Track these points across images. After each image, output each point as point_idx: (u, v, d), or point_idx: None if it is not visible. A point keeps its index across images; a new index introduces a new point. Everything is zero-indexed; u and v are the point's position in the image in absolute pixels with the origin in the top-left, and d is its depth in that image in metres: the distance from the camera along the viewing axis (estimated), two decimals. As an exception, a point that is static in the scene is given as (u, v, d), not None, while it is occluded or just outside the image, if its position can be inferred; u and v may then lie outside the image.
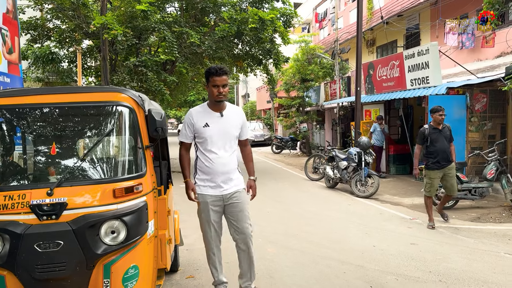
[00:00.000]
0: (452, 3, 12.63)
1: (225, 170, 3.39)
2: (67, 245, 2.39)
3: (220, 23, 13.07)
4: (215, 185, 3.40)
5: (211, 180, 3.39)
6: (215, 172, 3.37)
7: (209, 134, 3.33)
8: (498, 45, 11.30)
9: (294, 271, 4.55)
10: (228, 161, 3.40)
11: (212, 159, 3.35)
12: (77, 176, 2.57)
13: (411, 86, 10.93)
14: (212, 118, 3.35)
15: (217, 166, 3.36)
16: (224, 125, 3.38)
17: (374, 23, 16.81)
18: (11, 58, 4.42)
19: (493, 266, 4.77)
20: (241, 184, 3.55)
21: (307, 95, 19.99)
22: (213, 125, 3.34)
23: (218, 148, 3.36)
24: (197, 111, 3.43)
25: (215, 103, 3.37)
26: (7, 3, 4.35)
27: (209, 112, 3.39)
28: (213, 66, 3.34)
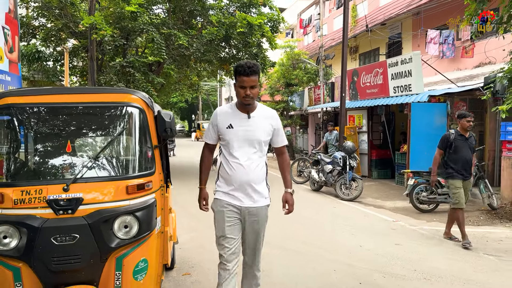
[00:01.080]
0: (433, 14, 13.08)
1: (247, 180, 2.94)
2: (82, 239, 2.49)
3: (208, 26, 13.21)
4: (234, 196, 2.97)
5: (231, 189, 2.97)
6: (235, 180, 2.94)
7: (231, 136, 2.94)
8: (477, 55, 11.78)
9: (289, 270, 4.72)
10: (251, 169, 2.94)
11: (233, 165, 2.94)
12: (91, 173, 2.68)
13: (394, 93, 11.28)
14: (237, 120, 2.96)
15: (238, 174, 2.93)
16: (249, 128, 2.95)
17: (358, 31, 17.21)
18: (12, 57, 4.48)
19: (474, 265, 5.04)
20: (265, 200, 3.07)
21: (291, 99, 20.28)
22: (238, 127, 2.94)
23: (240, 153, 2.94)
24: (222, 110, 3.05)
25: (242, 104, 2.98)
26: (9, 3, 4.41)
27: (235, 113, 2.98)
28: (242, 62, 2.92)
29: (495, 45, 10.63)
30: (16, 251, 2.45)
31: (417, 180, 8.14)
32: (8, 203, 2.48)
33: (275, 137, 3.12)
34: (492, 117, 10.00)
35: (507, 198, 8.29)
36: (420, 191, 8.14)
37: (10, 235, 2.46)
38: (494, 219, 7.66)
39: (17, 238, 2.46)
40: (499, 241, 6.19)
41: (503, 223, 7.36)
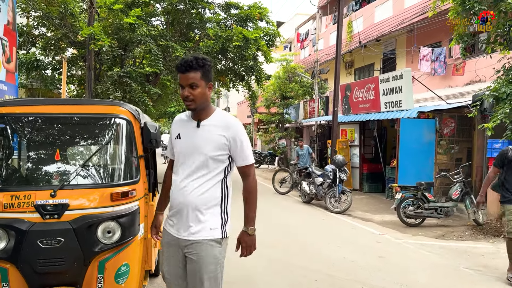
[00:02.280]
0: (426, 32, 13.37)
1: (181, 202, 2.34)
2: (67, 242, 2.63)
3: (205, 39, 13.47)
4: (172, 221, 2.43)
5: (171, 213, 2.44)
6: (172, 203, 2.41)
7: (177, 149, 2.44)
8: (468, 73, 12.04)
9: (270, 278, 4.85)
10: (189, 190, 2.32)
11: (174, 183, 2.41)
12: (78, 180, 2.83)
13: (385, 108, 11.50)
14: (187, 129, 2.42)
15: (174, 195, 2.38)
16: (196, 139, 2.37)
17: (353, 46, 17.51)
18: (9, 67, 4.65)
19: (453, 279, 5.18)
20: (209, 231, 2.35)
21: (287, 112, 20.52)
22: (185, 137, 2.41)
23: (184, 169, 2.37)
24: (179, 118, 2.53)
25: (189, 110, 2.43)
26: (8, 15, 4.60)
27: (188, 121, 2.45)
28: (183, 58, 2.42)
29: (485, 63, 10.88)
30: (4, 253, 2.58)
31: (404, 195, 8.30)
32: (-3, 207, 2.62)
33: (233, 154, 2.40)
34: (480, 134, 10.20)
35: (492, 214, 8.44)
36: (407, 205, 8.30)
37: (-2, 237, 2.60)
38: (478, 234, 7.80)
39: (5, 240, 2.59)
40: (480, 256, 6.33)
41: (487, 239, 7.50)
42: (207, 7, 13.66)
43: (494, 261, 6.08)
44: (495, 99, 8.01)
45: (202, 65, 2.33)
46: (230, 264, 5.63)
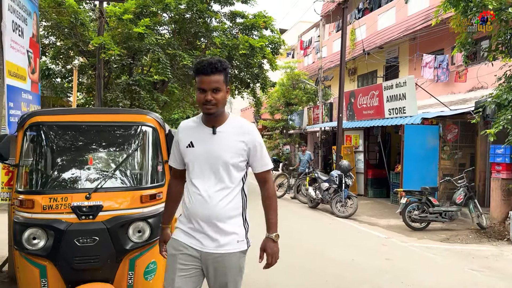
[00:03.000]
0: (429, 40, 13.60)
1: (207, 215, 2.22)
2: (101, 241, 2.85)
3: (212, 47, 13.75)
4: (193, 236, 2.26)
5: (190, 227, 2.28)
6: (194, 215, 2.24)
7: (191, 158, 2.27)
8: (470, 80, 12.26)
9: (286, 280, 5.04)
10: (214, 202, 2.23)
11: (192, 196, 2.25)
12: (110, 183, 3.05)
13: (389, 115, 11.71)
14: (200, 136, 2.27)
15: (197, 207, 2.23)
16: (213, 146, 2.24)
17: (357, 53, 17.76)
18: (33, 78, 4.90)
19: (457, 279, 5.36)
20: (237, 244, 2.32)
21: (291, 118, 20.77)
22: (200, 145, 2.26)
23: (202, 179, 2.25)
24: (186, 124, 2.37)
25: (204, 115, 2.29)
26: (33, 29, 4.87)
27: (199, 127, 2.30)
28: (201, 60, 2.25)
29: (487, 71, 11.08)
30: (43, 251, 2.80)
31: (409, 199, 8.49)
32: (38, 208, 2.85)
33: (252, 159, 2.35)
34: (483, 140, 10.39)
35: (496, 218, 8.61)
36: (412, 209, 8.48)
37: (38, 236, 2.82)
38: (482, 237, 7.97)
39: (44, 239, 2.81)
40: (484, 258, 6.50)
41: (491, 242, 7.67)
42: (213, 16, 13.97)
43: (498, 263, 6.26)
44: (497, 106, 8.23)
45: (225, 67, 2.22)
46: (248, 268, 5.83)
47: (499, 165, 8.56)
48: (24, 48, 4.41)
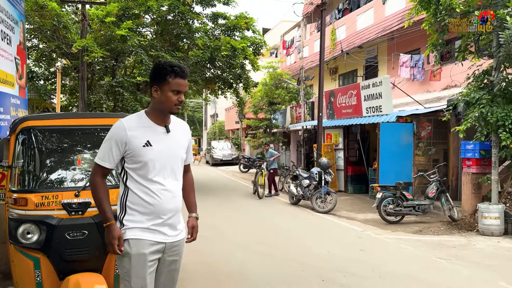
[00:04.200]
0: (405, 40, 14.07)
1: (175, 208, 2.43)
2: (90, 235, 3.12)
3: (194, 48, 13.99)
4: (158, 231, 2.39)
5: (155, 223, 2.38)
6: (160, 210, 2.38)
7: (151, 157, 2.36)
8: (444, 79, 12.77)
9: (262, 271, 5.37)
10: (177, 195, 2.47)
11: (156, 192, 2.37)
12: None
13: (367, 113, 12.14)
14: (155, 135, 2.40)
15: (165, 202, 2.38)
16: (171, 144, 2.45)
17: (337, 53, 18.19)
18: (21, 83, 5.12)
19: (426, 267, 5.76)
20: (184, 231, 2.56)
21: (274, 117, 21.12)
22: (157, 144, 2.39)
23: (164, 176, 2.40)
24: (132, 123, 2.40)
25: (163, 115, 2.44)
26: (20, 36, 5.09)
27: (150, 126, 2.41)
28: (171, 62, 2.44)
29: (460, 69, 11.56)
30: (37, 244, 3.06)
31: (384, 194, 8.90)
32: (31, 205, 3.11)
33: (188, 154, 2.62)
34: (455, 136, 10.87)
35: (467, 211, 9.07)
36: (387, 203, 8.90)
37: (32, 231, 3.08)
38: (453, 229, 8.42)
39: (37, 234, 3.07)
40: (452, 248, 6.93)
41: (461, 233, 8.12)
42: (195, 18, 14.20)
43: (464, 252, 6.69)
44: (466, 104, 8.68)
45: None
46: (222, 260, 6.15)
47: (469, 160, 9.00)
48: (12, 55, 4.63)
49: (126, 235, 2.37)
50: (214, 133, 41.07)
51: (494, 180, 8.08)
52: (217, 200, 12.03)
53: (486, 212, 7.80)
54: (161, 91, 2.38)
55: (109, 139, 2.39)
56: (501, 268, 5.80)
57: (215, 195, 13.22)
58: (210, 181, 17.85)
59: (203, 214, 8.52)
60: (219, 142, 31.58)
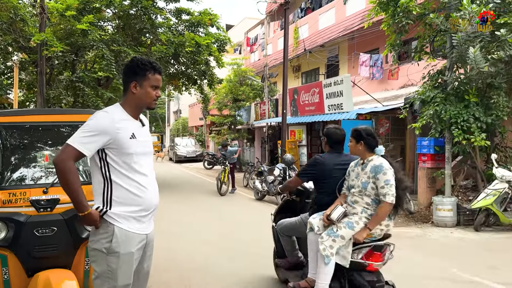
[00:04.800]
0: (366, 39, 14.54)
1: (156, 199, 2.52)
2: (59, 231, 3.11)
3: (157, 43, 13.83)
4: (144, 222, 2.46)
5: (142, 214, 2.44)
6: (148, 203, 2.45)
7: (136, 149, 2.42)
8: (402, 78, 13.31)
9: (226, 264, 5.49)
10: (157, 189, 2.57)
11: (144, 184, 2.42)
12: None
13: (329, 111, 12.49)
14: (136, 128, 2.47)
15: (150, 195, 2.45)
16: (146, 138, 2.55)
17: (300, 51, 18.51)
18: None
19: (383, 257, 6.06)
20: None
21: (239, 114, 21.23)
22: (140, 137, 2.46)
23: (145, 169, 2.47)
24: (119, 117, 2.41)
25: (140, 110, 2.52)
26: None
27: (131, 120, 2.47)
28: (148, 59, 2.50)
29: (416, 69, 12.08)
30: (5, 242, 3.02)
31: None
32: (-3, 203, 3.07)
33: None
34: (412, 133, 11.38)
35: (422, 204, 9.55)
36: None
37: (-1, 229, 3.05)
38: (410, 221, 8.85)
39: (5, 231, 3.03)
40: (409, 239, 7.32)
41: (417, 225, 8.55)
42: (158, 13, 14.04)
43: (420, 242, 7.10)
44: (422, 102, 9.13)
45: None
46: (187, 255, 6.21)
47: (424, 155, 9.46)
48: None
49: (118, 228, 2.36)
50: (177, 129, 40.67)
51: (448, 174, 8.57)
52: (181, 197, 12.01)
53: (440, 204, 8.26)
54: (141, 87, 2.44)
55: (94, 128, 2.32)
56: (454, 257, 6.21)
57: (179, 192, 13.18)
58: (174, 178, 17.73)
59: (167, 211, 8.54)
60: (183, 138, 31.34)
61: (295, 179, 4.20)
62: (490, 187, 7.68)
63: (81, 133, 2.34)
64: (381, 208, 3.37)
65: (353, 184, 3.58)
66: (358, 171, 3.60)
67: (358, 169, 3.63)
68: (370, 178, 3.46)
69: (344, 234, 3.39)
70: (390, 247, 3.56)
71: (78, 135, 2.34)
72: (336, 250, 3.39)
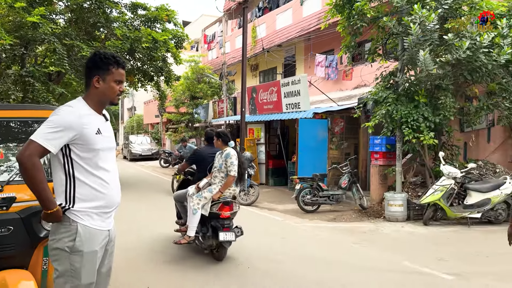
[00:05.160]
0: (322, 40, 14.89)
1: (119, 197, 2.49)
2: (16, 230, 2.99)
3: (112, 38, 13.45)
4: (105, 217, 2.42)
5: (103, 210, 2.40)
6: (111, 200, 2.43)
7: (102, 145, 2.37)
8: (355, 78, 13.76)
9: (184, 262, 5.48)
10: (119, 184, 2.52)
11: (107, 181, 2.39)
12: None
13: (286, 109, 12.70)
14: (101, 123, 2.42)
15: (113, 191, 2.43)
16: (110, 133, 2.49)
17: (258, 50, 18.66)
18: None
19: (340, 251, 6.31)
20: None
21: (196, 112, 21.07)
22: (105, 132, 2.42)
23: (109, 165, 2.43)
24: (84, 112, 2.36)
25: (103, 104, 2.47)
26: None
27: (95, 115, 2.41)
28: (112, 53, 2.46)
29: (369, 70, 12.54)
30: None
31: (302, 185, 9.45)
32: (-51, 202, 2.92)
33: None
34: (365, 131, 11.81)
35: (375, 199, 9.95)
36: (305, 194, 9.47)
37: (-50, 228, 2.90)
38: (363, 216, 9.21)
39: None
40: (363, 233, 7.62)
41: (370, 219, 8.91)
42: (113, 7, 13.66)
43: (373, 236, 7.41)
44: (375, 102, 9.50)
45: None
46: (142, 253, 6.13)
47: (377, 153, 9.85)
48: None
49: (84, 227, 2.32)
50: (132, 127, 39.69)
51: (398, 171, 8.99)
52: (137, 195, 11.77)
53: (391, 200, 8.65)
54: (104, 81, 2.40)
55: (59, 124, 2.25)
56: (405, 250, 6.55)
57: (135, 190, 12.91)
58: (130, 177, 17.33)
59: (122, 210, 8.33)
60: (138, 136, 30.62)
61: (185, 163, 6.30)
62: (438, 183, 8.14)
63: (45, 128, 2.25)
64: (228, 178, 5.40)
65: (216, 165, 5.55)
66: (219, 157, 5.54)
67: (219, 156, 5.56)
68: (223, 161, 5.43)
69: (206, 196, 5.38)
70: (235, 203, 5.60)
71: (42, 131, 2.25)
72: (201, 205, 5.35)
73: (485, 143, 11.23)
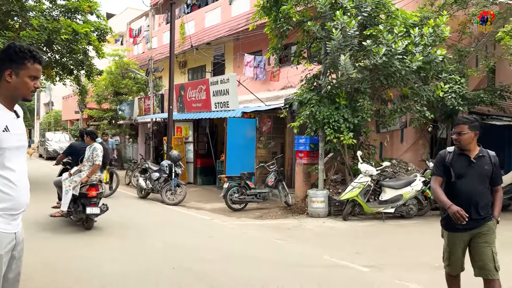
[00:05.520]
0: (250, 41, 15.07)
1: (28, 199, 2.33)
2: None
3: (28, 28, 12.53)
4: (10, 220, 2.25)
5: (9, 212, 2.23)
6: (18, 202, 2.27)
7: (9, 144, 2.21)
8: (282, 80, 14.12)
9: (111, 265, 5.28)
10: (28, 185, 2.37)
11: (14, 182, 2.23)
12: None
13: (215, 108, 12.72)
14: (10, 120, 2.25)
15: (21, 192, 2.27)
16: (20, 131, 2.32)
17: (186, 47, 18.39)
18: None
19: (266, 247, 6.48)
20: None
21: (120, 108, 20.27)
22: (14, 130, 2.25)
23: (19, 165, 2.28)
24: None
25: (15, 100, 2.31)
26: None
27: (4, 110, 2.25)
28: (28, 46, 2.30)
29: (295, 72, 12.95)
30: None
31: (230, 184, 9.55)
32: None
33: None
34: (290, 131, 12.19)
35: (299, 197, 10.32)
36: (233, 193, 9.57)
37: None
38: (288, 213, 9.52)
39: None
40: (287, 229, 7.89)
41: (294, 216, 9.23)
42: (29, -5, 12.72)
43: (297, 232, 7.70)
44: (300, 103, 9.86)
45: None
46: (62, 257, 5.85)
47: (301, 152, 10.21)
48: None
49: None
50: (48, 123, 37.16)
51: (321, 169, 9.42)
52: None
53: (314, 197, 9.05)
54: (17, 76, 2.25)
55: None
56: (326, 244, 6.90)
57: (44, 191, 12.10)
58: (44, 176, 16.11)
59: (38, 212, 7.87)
60: (55, 133, 28.76)
61: (62, 155, 8.16)
62: (356, 181, 8.67)
63: None
64: (94, 166, 7.07)
65: (86, 156, 7.19)
66: (88, 150, 7.21)
67: (88, 149, 7.22)
68: (91, 153, 7.09)
69: (76, 180, 7.04)
70: (101, 185, 7.24)
71: None
72: (72, 187, 6.99)
73: (398, 143, 12.14)
